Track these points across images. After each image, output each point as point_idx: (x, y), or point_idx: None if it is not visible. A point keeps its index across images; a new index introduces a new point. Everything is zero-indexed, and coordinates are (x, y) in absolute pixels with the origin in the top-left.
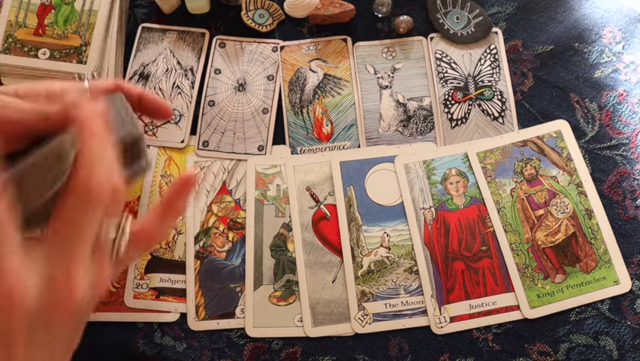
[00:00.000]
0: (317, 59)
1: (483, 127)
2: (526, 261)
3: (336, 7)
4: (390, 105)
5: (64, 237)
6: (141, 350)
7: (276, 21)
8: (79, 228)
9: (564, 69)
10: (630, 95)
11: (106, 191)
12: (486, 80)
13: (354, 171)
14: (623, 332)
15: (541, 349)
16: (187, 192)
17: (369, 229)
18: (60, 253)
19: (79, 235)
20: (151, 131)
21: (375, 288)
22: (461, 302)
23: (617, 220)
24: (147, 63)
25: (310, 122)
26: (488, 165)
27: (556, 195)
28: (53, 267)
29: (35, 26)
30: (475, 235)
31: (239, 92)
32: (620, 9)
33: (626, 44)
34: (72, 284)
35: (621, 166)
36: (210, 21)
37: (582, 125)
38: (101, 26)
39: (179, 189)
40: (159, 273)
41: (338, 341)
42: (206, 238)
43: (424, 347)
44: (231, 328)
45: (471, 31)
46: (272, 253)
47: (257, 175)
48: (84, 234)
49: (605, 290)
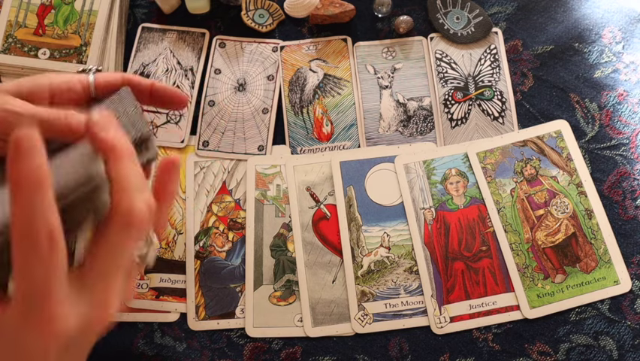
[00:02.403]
0: (317, 59)
1: (483, 127)
2: (526, 261)
3: (336, 7)
4: (391, 105)
5: (104, 265)
6: (141, 350)
7: (276, 21)
8: (120, 254)
9: (564, 69)
10: (630, 95)
11: (147, 215)
12: (486, 80)
13: (354, 171)
14: (623, 332)
15: (541, 349)
16: (174, 176)
17: (369, 229)
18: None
19: (119, 262)
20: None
21: (375, 288)
22: (461, 302)
23: (617, 220)
24: (147, 63)
25: (310, 122)
26: (488, 165)
27: (557, 195)
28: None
29: (35, 26)
30: (475, 235)
31: (239, 92)
32: (620, 9)
33: (626, 44)
34: (109, 306)
35: (621, 166)
36: (210, 21)
37: (582, 125)
38: (101, 26)
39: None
40: (159, 273)
41: (338, 341)
42: (206, 238)
43: (424, 347)
44: (231, 328)
45: (471, 31)
46: (272, 253)
47: (257, 175)
48: (124, 260)
49: (605, 290)
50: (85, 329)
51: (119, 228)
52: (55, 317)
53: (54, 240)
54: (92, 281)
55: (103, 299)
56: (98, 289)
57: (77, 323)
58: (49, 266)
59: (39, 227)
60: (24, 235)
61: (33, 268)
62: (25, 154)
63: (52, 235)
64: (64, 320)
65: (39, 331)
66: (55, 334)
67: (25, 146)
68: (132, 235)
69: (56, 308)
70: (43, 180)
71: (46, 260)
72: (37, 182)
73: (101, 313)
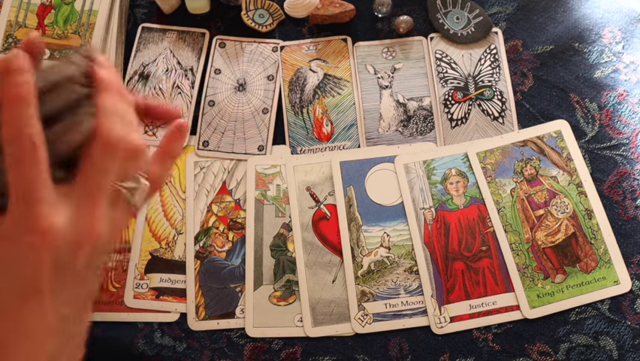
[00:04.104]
0: (317, 59)
1: (483, 127)
2: (526, 261)
3: (336, 7)
4: (391, 105)
5: (87, 182)
6: (141, 350)
7: (276, 21)
8: (102, 175)
9: (564, 69)
10: (630, 95)
11: (124, 143)
12: (486, 80)
13: (354, 171)
14: (623, 332)
15: (541, 349)
16: (181, 137)
17: (369, 229)
18: (84, 197)
19: (100, 181)
20: (151, 132)
21: (375, 288)
22: (461, 302)
23: (617, 220)
24: (147, 63)
25: (310, 122)
26: (488, 165)
27: (557, 195)
28: (78, 209)
29: (35, 26)
30: (475, 235)
31: (239, 92)
32: (620, 9)
33: (626, 44)
34: (94, 224)
35: (621, 166)
36: (210, 21)
37: (582, 125)
38: (101, 26)
39: (174, 135)
40: (159, 273)
41: (338, 341)
42: (206, 238)
43: (424, 347)
44: (231, 328)
45: (471, 31)
46: (272, 253)
47: (257, 175)
48: (106, 182)
49: (605, 290)
50: (73, 242)
51: (100, 150)
52: (43, 217)
53: (35, 142)
54: (77, 198)
55: (88, 215)
56: (83, 205)
57: (65, 230)
58: (32, 168)
59: (22, 133)
60: (11, 140)
61: (20, 171)
62: (14, 72)
63: (33, 139)
64: (51, 221)
65: (30, 231)
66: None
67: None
68: (113, 158)
69: (43, 209)
70: (28, 95)
71: (29, 162)
72: (24, 97)
73: (86, 228)
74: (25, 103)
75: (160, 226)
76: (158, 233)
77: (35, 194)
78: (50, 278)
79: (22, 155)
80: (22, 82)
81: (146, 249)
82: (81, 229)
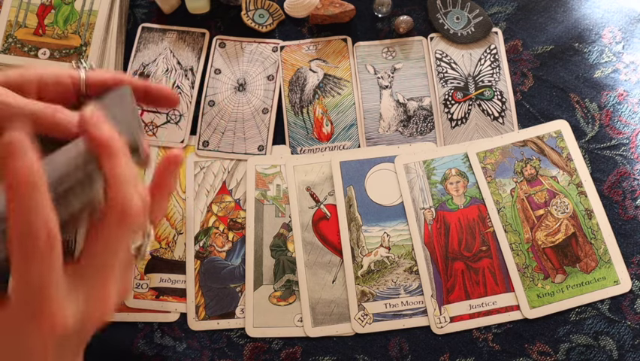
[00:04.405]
0: (317, 59)
1: (483, 127)
2: (526, 261)
3: (336, 7)
4: (391, 105)
5: (100, 260)
6: (141, 350)
7: (276, 21)
8: (116, 249)
9: (564, 69)
10: (630, 95)
11: (141, 210)
12: (486, 80)
13: (354, 171)
14: (623, 332)
15: (541, 349)
16: (174, 169)
17: (369, 229)
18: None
19: (115, 257)
20: (151, 132)
21: (375, 288)
22: (461, 302)
23: (617, 220)
24: (147, 63)
25: (310, 122)
26: (488, 165)
27: (557, 195)
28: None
29: (35, 26)
30: (475, 235)
31: (239, 92)
32: (620, 9)
33: (626, 44)
34: (107, 302)
35: (621, 166)
36: (210, 21)
37: (582, 125)
38: (101, 26)
39: (166, 168)
40: (159, 273)
41: (338, 341)
42: (206, 238)
43: (424, 347)
44: (231, 328)
45: (471, 31)
46: (272, 253)
47: (257, 175)
48: (120, 254)
49: (605, 290)
50: (83, 325)
51: (114, 222)
52: (54, 315)
53: (51, 239)
54: (89, 276)
55: (100, 294)
56: (95, 284)
57: (75, 319)
58: (46, 265)
59: (36, 227)
60: (21, 234)
61: (31, 268)
62: (17, 156)
63: (50, 235)
64: (62, 317)
65: (38, 329)
66: (54, 332)
67: (17, 147)
68: (128, 229)
69: (54, 307)
70: (37, 180)
71: (44, 260)
72: (32, 182)
73: (98, 308)
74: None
75: (160, 226)
76: (158, 233)
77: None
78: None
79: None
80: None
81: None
82: (93, 312)
